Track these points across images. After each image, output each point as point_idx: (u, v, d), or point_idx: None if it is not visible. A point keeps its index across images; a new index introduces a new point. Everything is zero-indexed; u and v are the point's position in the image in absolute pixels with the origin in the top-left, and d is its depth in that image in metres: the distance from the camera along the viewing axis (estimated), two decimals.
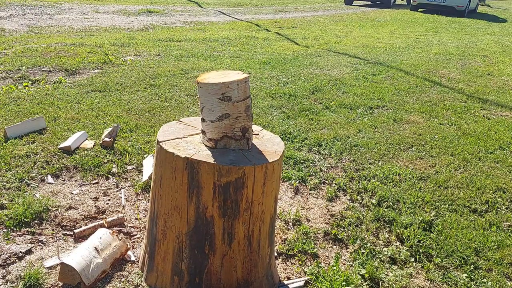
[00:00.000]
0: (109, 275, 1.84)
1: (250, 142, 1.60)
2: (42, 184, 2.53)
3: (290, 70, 5.77)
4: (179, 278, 1.68)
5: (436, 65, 6.84)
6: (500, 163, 3.33)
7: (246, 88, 1.51)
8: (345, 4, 18.56)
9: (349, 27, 11.41)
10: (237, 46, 7.22)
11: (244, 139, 1.57)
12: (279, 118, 3.88)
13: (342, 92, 4.87)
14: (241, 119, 1.53)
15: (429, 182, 2.93)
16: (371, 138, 3.59)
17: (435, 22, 13.80)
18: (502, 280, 2.04)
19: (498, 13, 19.56)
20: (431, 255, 2.18)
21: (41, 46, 5.72)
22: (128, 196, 2.51)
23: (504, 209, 2.69)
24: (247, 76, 1.52)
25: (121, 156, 2.91)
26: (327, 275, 1.89)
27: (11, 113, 3.43)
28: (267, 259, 1.79)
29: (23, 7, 8.79)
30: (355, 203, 2.62)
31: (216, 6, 13.09)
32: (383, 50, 7.98)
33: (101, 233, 1.92)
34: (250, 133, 1.58)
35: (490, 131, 4.01)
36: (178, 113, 3.79)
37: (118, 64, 5.31)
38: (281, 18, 11.86)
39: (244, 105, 1.52)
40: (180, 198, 1.57)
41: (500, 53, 8.51)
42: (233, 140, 1.57)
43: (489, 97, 5.22)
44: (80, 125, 3.32)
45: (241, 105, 1.51)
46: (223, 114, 1.51)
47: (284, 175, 2.83)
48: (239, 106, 1.51)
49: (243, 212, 1.58)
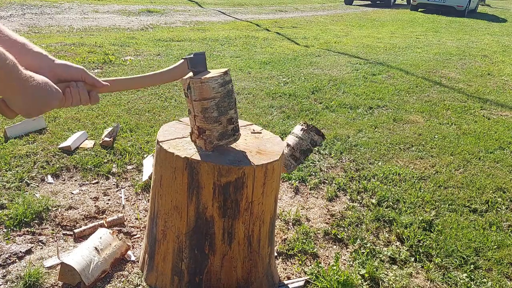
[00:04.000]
0: (109, 275, 1.84)
1: (210, 145, 1.52)
2: (42, 184, 2.53)
3: (290, 70, 5.77)
4: (179, 278, 1.68)
5: (436, 65, 6.84)
6: (500, 163, 3.33)
7: (205, 89, 1.43)
8: (345, 4, 18.55)
9: (349, 27, 11.41)
10: (237, 46, 7.22)
11: (202, 139, 1.52)
12: (279, 118, 3.88)
13: (342, 92, 4.87)
14: (198, 119, 1.50)
15: (429, 182, 2.93)
16: (371, 138, 3.59)
17: (435, 22, 13.80)
18: (502, 280, 2.04)
19: (498, 13, 19.56)
20: (431, 255, 2.18)
21: (41, 46, 5.71)
22: (128, 196, 2.51)
23: (504, 209, 2.69)
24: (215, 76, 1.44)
25: (121, 156, 2.91)
26: (327, 275, 1.89)
27: None
28: (267, 259, 1.79)
29: (23, 7, 8.78)
30: (355, 203, 2.63)
31: (216, 6, 13.08)
32: (383, 50, 7.98)
33: (101, 233, 1.92)
34: (211, 136, 1.51)
35: (490, 131, 4.01)
36: (178, 113, 3.79)
37: (118, 64, 5.31)
38: (281, 18, 11.87)
39: (200, 106, 1.46)
40: (180, 198, 1.57)
41: (500, 53, 8.51)
42: (196, 137, 1.56)
43: (489, 97, 5.22)
44: (80, 125, 3.32)
45: (197, 105, 1.47)
46: (188, 110, 1.53)
47: (284, 175, 2.83)
48: (196, 105, 1.47)
49: (243, 212, 1.58)
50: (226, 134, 1.52)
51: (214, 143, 1.52)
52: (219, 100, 1.45)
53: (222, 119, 1.48)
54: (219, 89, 1.44)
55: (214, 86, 1.43)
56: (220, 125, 1.49)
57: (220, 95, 1.45)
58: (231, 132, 1.53)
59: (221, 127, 1.49)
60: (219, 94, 1.45)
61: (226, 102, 1.48)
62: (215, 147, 1.53)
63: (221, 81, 1.44)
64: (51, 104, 1.07)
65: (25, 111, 1.04)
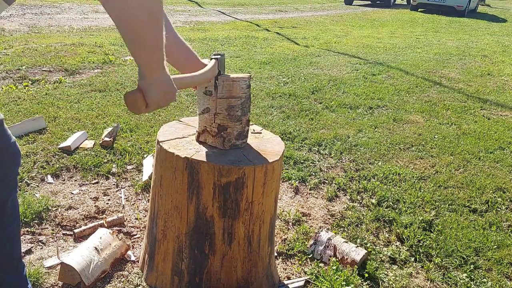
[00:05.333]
0: (109, 275, 1.84)
1: (228, 143, 1.57)
2: (42, 184, 2.53)
3: (290, 70, 5.77)
4: (179, 278, 1.68)
5: (436, 65, 6.84)
6: (500, 163, 3.33)
7: (235, 88, 1.51)
8: (345, 4, 18.56)
9: (349, 27, 11.42)
10: (237, 46, 7.22)
11: (220, 137, 1.56)
12: (279, 118, 3.88)
13: (342, 92, 4.87)
14: (220, 117, 1.54)
15: (429, 182, 2.93)
16: (371, 138, 3.59)
17: (435, 22, 13.81)
18: (502, 280, 2.04)
19: (498, 13, 19.56)
20: (431, 255, 2.18)
21: (41, 46, 5.72)
22: (128, 196, 2.51)
23: (504, 209, 2.69)
24: (244, 77, 1.52)
25: (121, 156, 2.91)
26: (327, 274, 1.89)
27: (11, 113, 3.43)
28: (267, 259, 1.79)
29: (23, 7, 8.78)
30: (355, 203, 2.63)
31: (216, 6, 13.08)
32: (383, 50, 7.98)
33: (101, 233, 1.92)
34: (231, 135, 1.56)
35: (490, 131, 4.01)
36: (178, 113, 3.79)
37: (118, 64, 5.31)
38: (281, 18, 11.87)
39: (226, 104, 1.52)
40: (180, 198, 1.57)
41: (500, 53, 8.52)
42: (210, 136, 1.59)
43: (489, 97, 5.22)
44: (80, 125, 3.32)
45: (222, 103, 1.52)
46: (205, 108, 1.57)
47: (284, 175, 2.83)
48: (221, 103, 1.52)
49: (243, 212, 1.58)
50: (243, 134, 1.60)
51: (232, 142, 1.57)
52: (244, 100, 1.55)
53: (243, 119, 1.57)
54: (245, 90, 1.54)
55: (242, 86, 1.52)
56: (240, 124, 1.56)
57: (245, 96, 1.55)
58: (246, 133, 1.61)
59: (240, 127, 1.57)
60: (244, 95, 1.54)
61: (248, 104, 1.57)
62: (232, 146, 1.58)
63: (247, 83, 1.55)
64: (174, 97, 1.18)
65: (157, 102, 1.14)
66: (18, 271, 1.50)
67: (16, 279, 1.49)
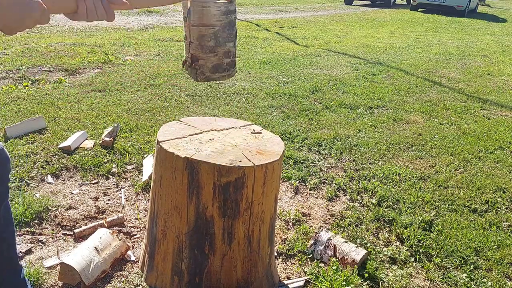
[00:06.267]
0: (109, 275, 1.84)
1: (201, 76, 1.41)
2: (42, 184, 2.53)
3: (290, 70, 5.77)
4: (179, 278, 1.68)
5: (436, 65, 6.84)
6: (500, 163, 3.33)
7: (205, 14, 1.32)
8: (345, 4, 18.55)
9: (349, 27, 11.41)
10: (237, 45, 7.21)
11: (193, 69, 1.41)
12: (279, 118, 3.88)
13: (342, 92, 4.87)
14: (193, 46, 1.39)
15: (429, 182, 2.93)
16: (371, 138, 3.59)
17: (435, 22, 13.80)
18: (502, 280, 2.04)
19: (498, 13, 19.56)
20: (431, 255, 2.18)
21: (41, 46, 5.72)
22: (128, 196, 2.51)
23: (504, 209, 2.69)
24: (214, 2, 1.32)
25: (121, 156, 2.91)
26: (327, 274, 1.89)
27: (11, 113, 3.43)
28: (267, 259, 1.79)
29: None
30: (355, 203, 2.63)
31: None
32: (383, 50, 7.98)
33: (101, 233, 1.92)
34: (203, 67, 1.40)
35: (490, 131, 4.01)
36: (178, 113, 3.79)
37: (118, 64, 5.31)
38: (281, 18, 11.86)
39: (197, 32, 1.35)
40: (180, 198, 1.57)
41: (500, 53, 8.51)
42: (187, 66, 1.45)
43: (489, 97, 5.22)
44: (80, 125, 3.32)
45: (194, 31, 1.36)
46: (185, 35, 1.43)
47: (284, 175, 2.83)
48: (193, 31, 1.36)
49: (243, 212, 1.58)
50: (221, 67, 1.41)
51: (206, 75, 1.41)
52: (219, 29, 1.35)
53: (218, 50, 1.38)
54: (220, 17, 1.34)
55: (215, 13, 1.32)
56: (215, 56, 1.38)
57: (221, 24, 1.35)
58: (226, 66, 1.42)
59: (216, 59, 1.39)
60: (219, 23, 1.34)
61: (226, 33, 1.37)
62: (207, 79, 1.44)
63: (224, 9, 1.33)
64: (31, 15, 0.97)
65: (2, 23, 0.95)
66: (17, 273, 1.50)
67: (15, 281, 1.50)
